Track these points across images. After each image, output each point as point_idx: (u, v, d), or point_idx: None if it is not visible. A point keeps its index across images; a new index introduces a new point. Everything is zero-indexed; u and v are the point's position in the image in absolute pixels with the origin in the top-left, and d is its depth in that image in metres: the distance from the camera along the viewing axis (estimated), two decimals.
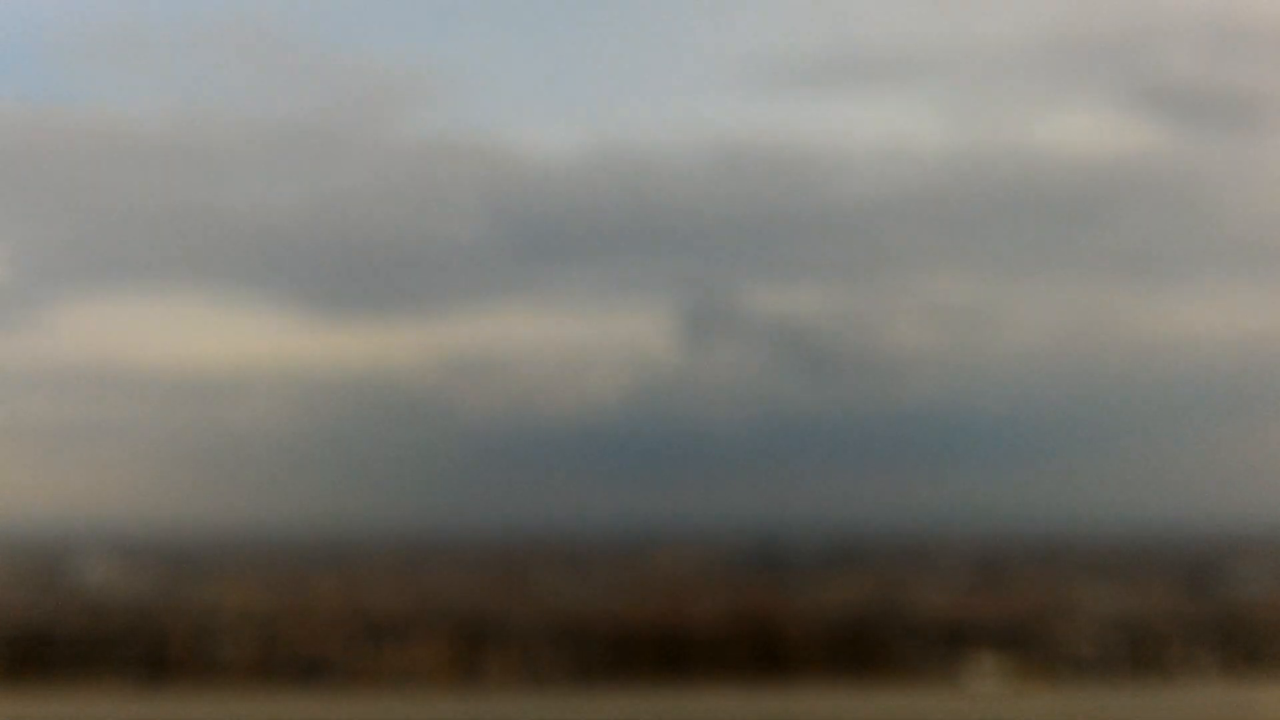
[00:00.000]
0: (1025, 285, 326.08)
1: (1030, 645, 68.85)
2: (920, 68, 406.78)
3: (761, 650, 66.96)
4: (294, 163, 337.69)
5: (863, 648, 68.30)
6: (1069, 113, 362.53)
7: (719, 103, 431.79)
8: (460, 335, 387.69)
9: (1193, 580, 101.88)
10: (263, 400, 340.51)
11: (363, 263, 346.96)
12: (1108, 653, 66.47)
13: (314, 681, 63.67)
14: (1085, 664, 66.16)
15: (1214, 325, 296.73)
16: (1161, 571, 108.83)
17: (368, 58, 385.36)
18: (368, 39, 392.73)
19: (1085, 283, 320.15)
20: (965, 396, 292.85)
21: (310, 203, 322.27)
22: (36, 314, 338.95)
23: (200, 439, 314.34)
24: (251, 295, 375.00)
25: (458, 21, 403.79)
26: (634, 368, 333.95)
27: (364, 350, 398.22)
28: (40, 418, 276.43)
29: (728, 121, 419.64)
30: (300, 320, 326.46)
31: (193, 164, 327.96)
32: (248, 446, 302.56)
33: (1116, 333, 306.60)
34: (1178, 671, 64.34)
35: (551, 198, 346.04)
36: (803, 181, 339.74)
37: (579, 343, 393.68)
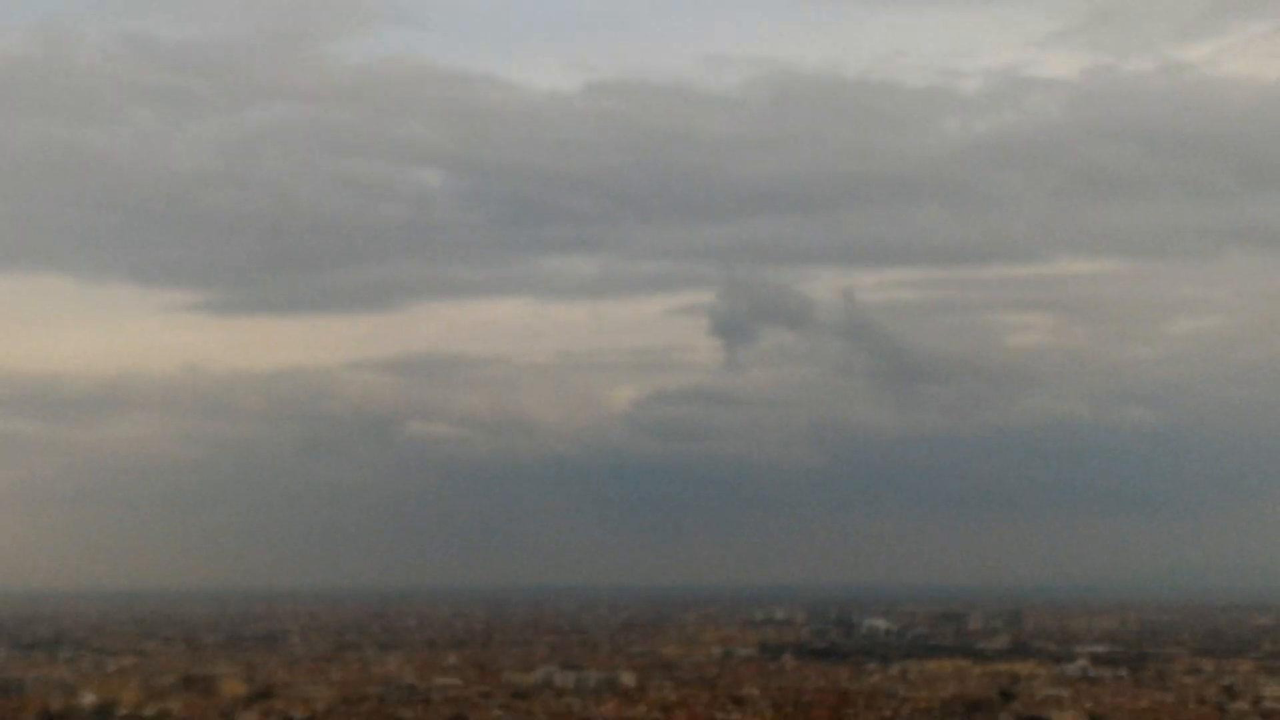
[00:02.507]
0: (1186, 262, 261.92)
1: None
2: None
3: None
4: (194, 98, 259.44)
5: None
6: (1241, 23, 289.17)
7: (762, 19, 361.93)
8: (416, 332, 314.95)
9: None
10: (145, 417, 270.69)
11: (284, 235, 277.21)
12: None
13: None
14: None
15: None
16: None
17: None
18: None
19: (1272, 255, 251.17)
20: (1106, 411, 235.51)
21: (215, 151, 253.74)
22: None
23: (61, 467, 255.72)
24: (131, 280, 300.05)
25: None
26: (652, 376, 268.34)
27: (284, 352, 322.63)
28: None
29: (774, 46, 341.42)
30: (196, 311, 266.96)
31: (54, 100, 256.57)
32: (123, 477, 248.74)
33: None
34: None
35: (542, 149, 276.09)
36: (877, 123, 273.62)
37: (578, 342, 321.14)
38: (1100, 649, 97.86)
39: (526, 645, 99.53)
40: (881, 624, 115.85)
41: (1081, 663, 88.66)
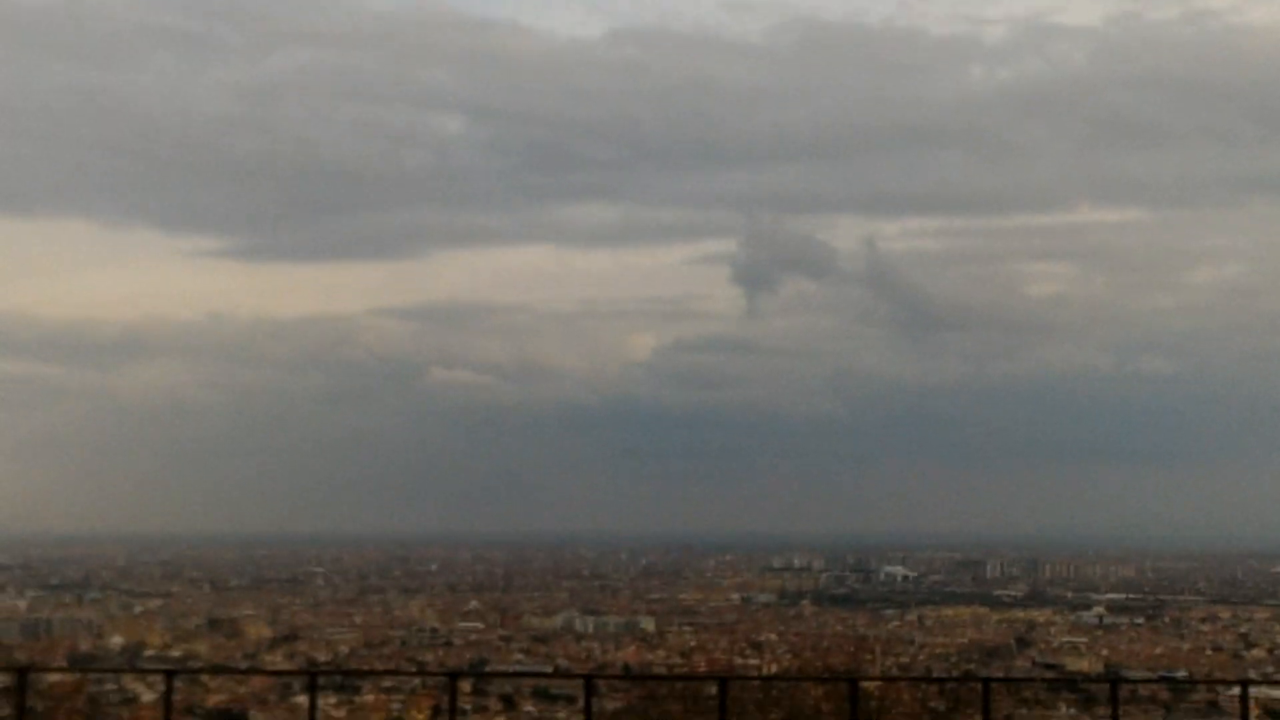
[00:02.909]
0: (1210, 212, 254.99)
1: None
2: None
3: None
4: (216, 42, 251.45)
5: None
6: None
7: None
8: (437, 279, 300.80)
9: None
10: (169, 362, 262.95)
11: (306, 181, 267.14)
12: None
13: None
14: None
15: None
16: None
17: None
18: None
19: None
20: (1126, 360, 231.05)
21: (237, 97, 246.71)
22: None
23: (86, 411, 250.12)
24: (154, 225, 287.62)
25: None
26: (672, 324, 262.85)
27: (307, 299, 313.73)
28: None
29: None
30: (220, 258, 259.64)
31: (76, 44, 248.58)
32: (148, 422, 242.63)
33: None
34: None
35: (563, 96, 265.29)
36: (900, 71, 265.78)
37: (600, 289, 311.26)
38: (1117, 596, 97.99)
39: (547, 590, 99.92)
40: (899, 571, 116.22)
41: (1098, 610, 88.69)
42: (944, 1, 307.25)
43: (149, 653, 66.65)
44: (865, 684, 23.56)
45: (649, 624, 79.28)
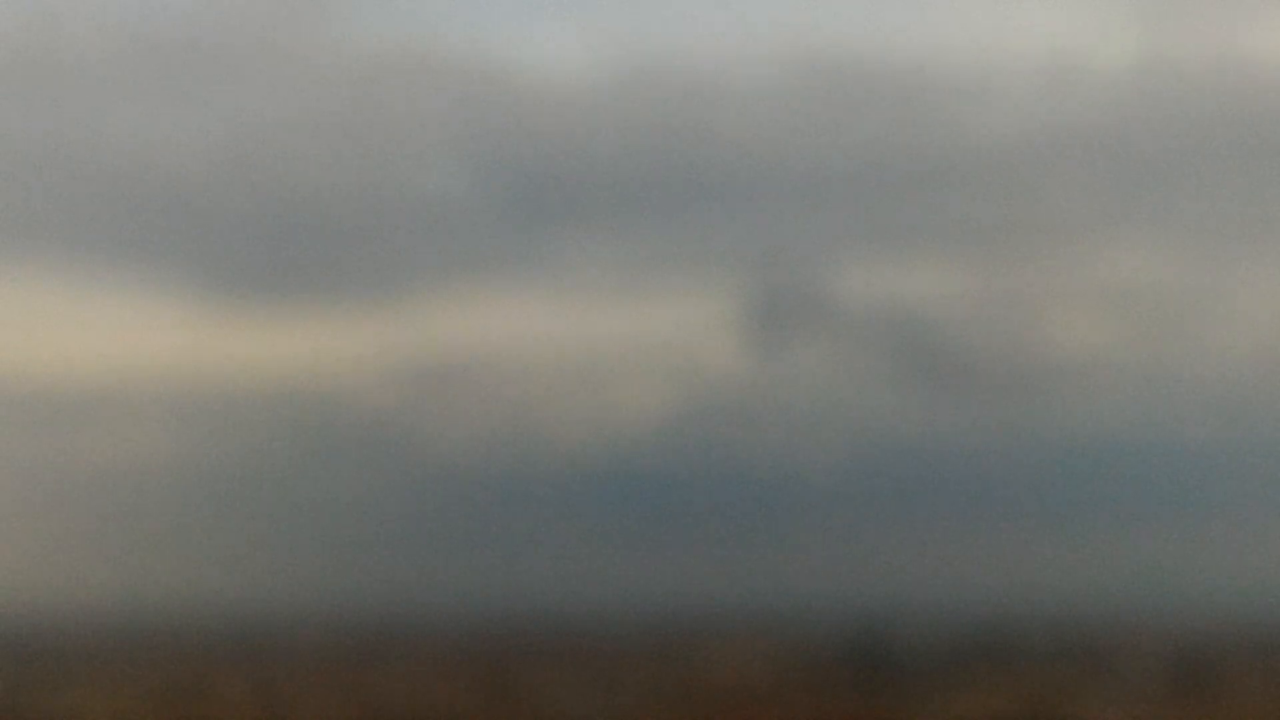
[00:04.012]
0: (1243, 261, 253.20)
1: None
2: None
3: None
4: (194, 85, 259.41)
5: None
6: None
7: (793, 5, 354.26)
8: (428, 331, 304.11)
9: None
10: (146, 422, 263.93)
11: (289, 228, 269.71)
12: None
13: None
14: None
15: None
16: None
17: None
18: None
19: None
20: (1154, 419, 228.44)
21: (215, 142, 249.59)
22: None
23: (58, 476, 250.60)
24: (132, 275, 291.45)
25: None
26: (679, 379, 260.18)
27: (290, 352, 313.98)
28: None
29: (806, 33, 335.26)
30: (201, 310, 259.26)
31: (46, 87, 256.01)
32: (125, 488, 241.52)
33: None
34: None
35: (560, 137, 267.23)
36: (917, 112, 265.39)
37: (600, 342, 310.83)
38: (1146, 663, 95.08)
39: (541, 664, 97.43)
40: (913, 636, 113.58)
41: (1127, 677, 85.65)
42: (963, 40, 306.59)
43: None
44: None
45: (650, 698, 77.41)
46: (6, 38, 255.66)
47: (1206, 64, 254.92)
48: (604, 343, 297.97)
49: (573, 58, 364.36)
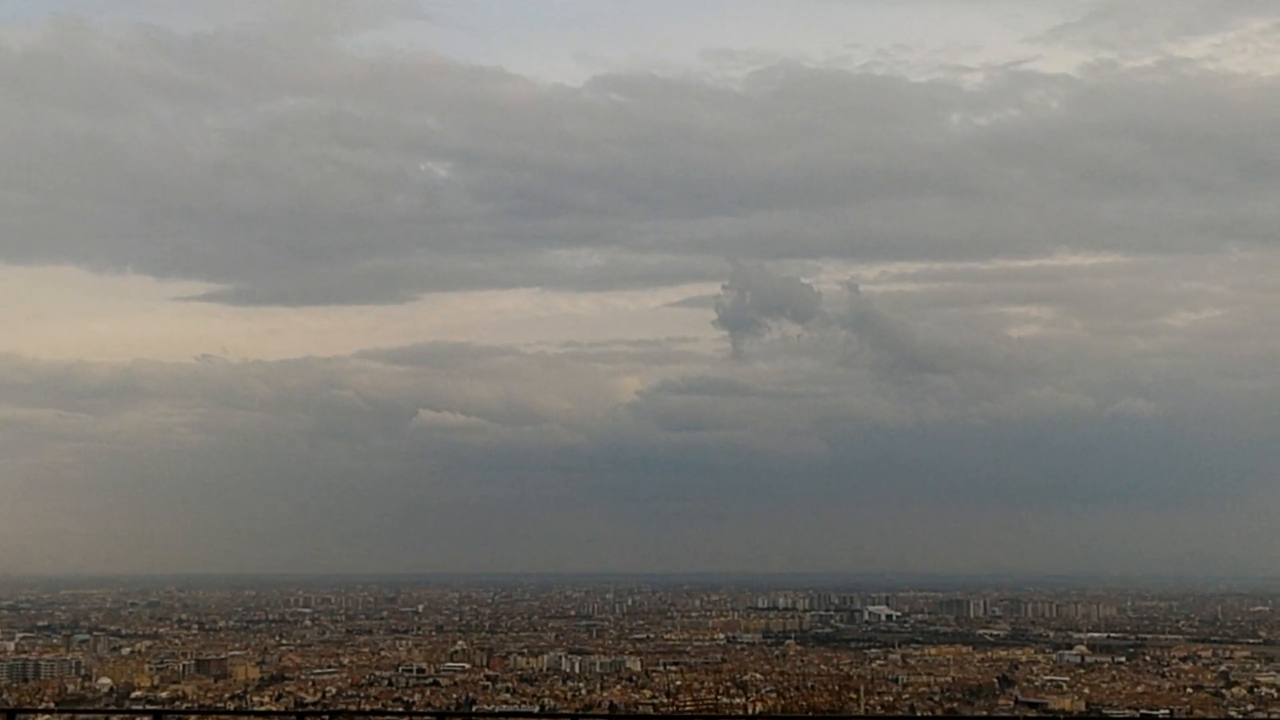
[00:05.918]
0: (1187, 257, 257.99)
1: None
2: None
3: None
4: (208, 90, 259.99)
5: None
6: (1240, 19, 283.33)
7: (766, 14, 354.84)
8: (425, 322, 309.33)
9: None
10: (157, 408, 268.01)
11: (296, 226, 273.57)
12: None
13: None
14: None
15: None
16: None
17: None
18: None
19: (1271, 249, 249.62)
20: (1106, 402, 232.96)
21: (229, 144, 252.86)
22: None
23: (77, 453, 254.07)
24: (146, 271, 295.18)
25: None
26: (658, 367, 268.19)
27: (296, 342, 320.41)
28: None
29: (778, 40, 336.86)
30: (211, 302, 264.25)
31: (71, 92, 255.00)
32: (138, 464, 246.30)
33: None
34: None
35: (549, 141, 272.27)
36: (887, 117, 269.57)
37: (587, 333, 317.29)
38: (1098, 636, 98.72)
39: (533, 631, 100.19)
40: (883, 611, 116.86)
41: (1080, 649, 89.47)
42: (923, 49, 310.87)
43: (137, 694, 66.58)
44: None
45: (634, 664, 78.99)
46: (40, 47, 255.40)
47: (1146, 72, 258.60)
48: (589, 331, 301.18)
49: (565, 69, 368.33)
